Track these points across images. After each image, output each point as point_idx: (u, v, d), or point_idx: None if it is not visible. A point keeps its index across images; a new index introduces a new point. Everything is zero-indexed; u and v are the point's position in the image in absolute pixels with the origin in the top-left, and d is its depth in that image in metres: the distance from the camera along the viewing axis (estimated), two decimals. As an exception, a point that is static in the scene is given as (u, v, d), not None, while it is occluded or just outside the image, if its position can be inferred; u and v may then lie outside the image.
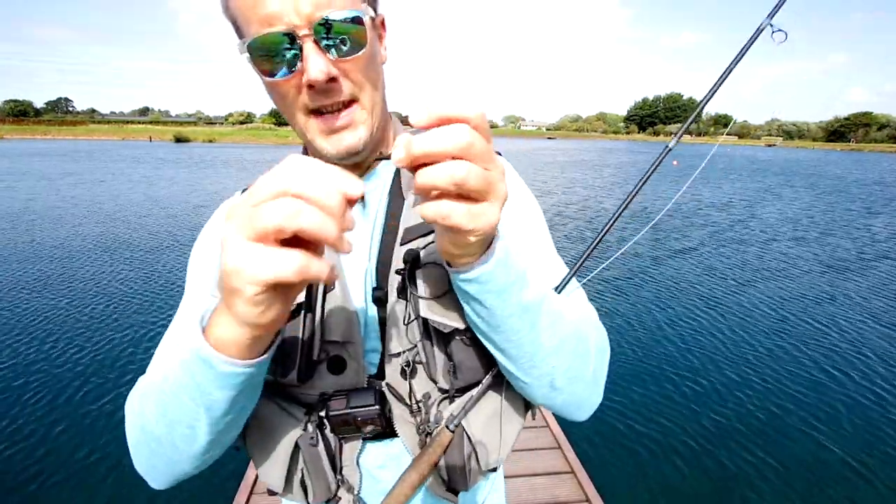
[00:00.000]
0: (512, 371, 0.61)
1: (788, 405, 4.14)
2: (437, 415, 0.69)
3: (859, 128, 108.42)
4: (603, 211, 13.40)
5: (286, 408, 0.69)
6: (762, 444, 3.64)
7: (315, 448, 0.68)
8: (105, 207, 12.57)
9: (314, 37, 0.55)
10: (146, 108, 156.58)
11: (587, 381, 0.64)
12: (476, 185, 0.39)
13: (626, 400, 4.12)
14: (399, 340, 0.68)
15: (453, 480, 0.71)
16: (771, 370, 4.71)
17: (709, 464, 3.42)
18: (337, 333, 0.66)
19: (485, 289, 0.52)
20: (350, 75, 0.59)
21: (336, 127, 0.61)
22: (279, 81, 0.58)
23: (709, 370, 4.68)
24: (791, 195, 18.14)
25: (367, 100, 0.62)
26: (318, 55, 0.55)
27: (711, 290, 6.95)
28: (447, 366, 0.68)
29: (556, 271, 0.72)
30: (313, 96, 0.58)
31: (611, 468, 3.33)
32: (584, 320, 0.66)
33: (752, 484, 3.24)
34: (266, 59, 0.56)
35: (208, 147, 48.57)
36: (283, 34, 0.54)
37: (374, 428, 0.68)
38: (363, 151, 0.65)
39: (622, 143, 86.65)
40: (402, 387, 0.69)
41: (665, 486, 3.21)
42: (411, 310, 0.66)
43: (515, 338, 0.56)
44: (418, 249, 0.66)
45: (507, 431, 0.73)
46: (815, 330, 5.70)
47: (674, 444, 3.62)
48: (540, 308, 0.57)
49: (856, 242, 10.42)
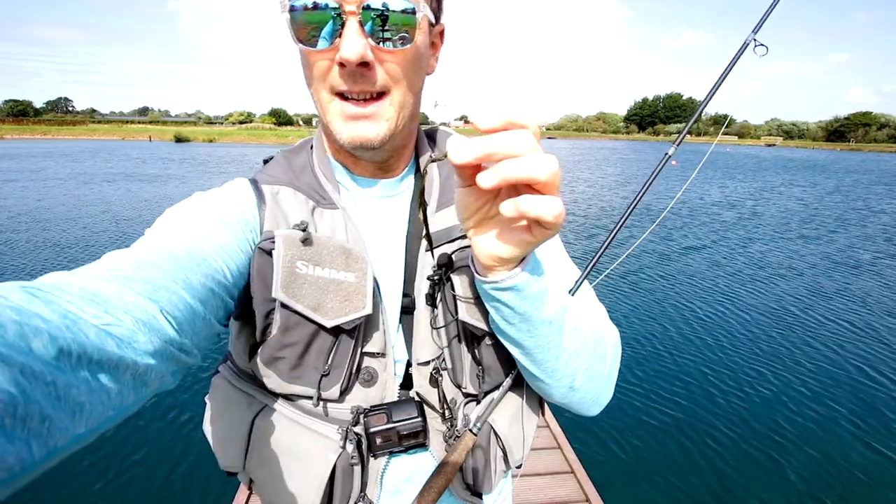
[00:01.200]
0: (534, 373, 0.61)
1: (789, 405, 4.14)
2: (464, 419, 0.69)
3: (859, 127, 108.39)
4: (608, 209, 13.41)
5: (315, 429, 0.66)
6: (762, 443, 3.64)
7: (353, 468, 0.66)
8: (117, 207, 12.59)
9: (359, 17, 0.53)
10: (146, 108, 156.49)
11: (603, 380, 0.64)
12: (549, 179, 0.41)
13: (627, 400, 4.12)
14: (427, 348, 0.67)
15: (478, 483, 0.70)
16: (771, 370, 4.71)
17: (709, 464, 3.42)
18: (375, 346, 0.65)
19: (521, 296, 0.52)
20: (386, 66, 0.57)
21: (358, 114, 0.58)
22: (312, 51, 0.56)
23: (709, 370, 4.67)
24: (794, 193, 18.14)
25: (398, 97, 0.59)
26: (357, 35, 0.53)
27: (712, 289, 6.96)
28: (475, 370, 0.67)
29: (568, 272, 0.72)
30: (342, 77, 0.56)
31: (611, 468, 3.33)
32: (599, 321, 0.66)
33: (753, 484, 3.24)
34: (305, 26, 0.54)
35: (212, 147, 48.52)
36: (330, 6, 0.53)
37: (415, 441, 0.66)
38: (378, 150, 0.62)
39: (622, 143, 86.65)
40: (431, 395, 0.68)
41: (665, 486, 3.21)
42: (444, 313, 0.65)
43: (544, 342, 0.57)
44: (449, 253, 0.65)
45: (528, 428, 0.74)
46: (815, 331, 5.70)
47: (674, 444, 3.62)
48: (565, 313, 0.57)
49: (866, 241, 10.42)
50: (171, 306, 0.45)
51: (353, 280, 0.61)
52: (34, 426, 0.28)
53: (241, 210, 0.62)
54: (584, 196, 16.52)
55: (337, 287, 0.61)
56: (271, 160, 0.73)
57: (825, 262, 8.75)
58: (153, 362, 0.41)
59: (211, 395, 0.75)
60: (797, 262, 8.68)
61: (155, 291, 0.44)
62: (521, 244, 0.47)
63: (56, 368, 0.31)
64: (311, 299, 0.60)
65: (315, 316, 0.60)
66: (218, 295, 0.53)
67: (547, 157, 0.40)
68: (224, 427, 0.71)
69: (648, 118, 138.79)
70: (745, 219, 12.81)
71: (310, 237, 0.60)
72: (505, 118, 0.41)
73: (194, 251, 0.52)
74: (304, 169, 0.69)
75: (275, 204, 0.64)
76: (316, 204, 0.66)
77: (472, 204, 0.48)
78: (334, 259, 0.61)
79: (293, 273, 0.59)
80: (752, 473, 3.34)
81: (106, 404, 0.36)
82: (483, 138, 0.41)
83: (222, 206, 0.61)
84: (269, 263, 0.59)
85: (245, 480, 0.72)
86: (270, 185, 0.66)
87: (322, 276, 0.60)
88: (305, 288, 0.60)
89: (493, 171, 0.41)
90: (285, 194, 0.65)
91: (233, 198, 0.63)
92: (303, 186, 0.67)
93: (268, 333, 0.63)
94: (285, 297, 0.59)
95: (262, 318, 0.62)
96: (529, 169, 0.40)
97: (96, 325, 0.37)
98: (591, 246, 9.40)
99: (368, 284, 0.62)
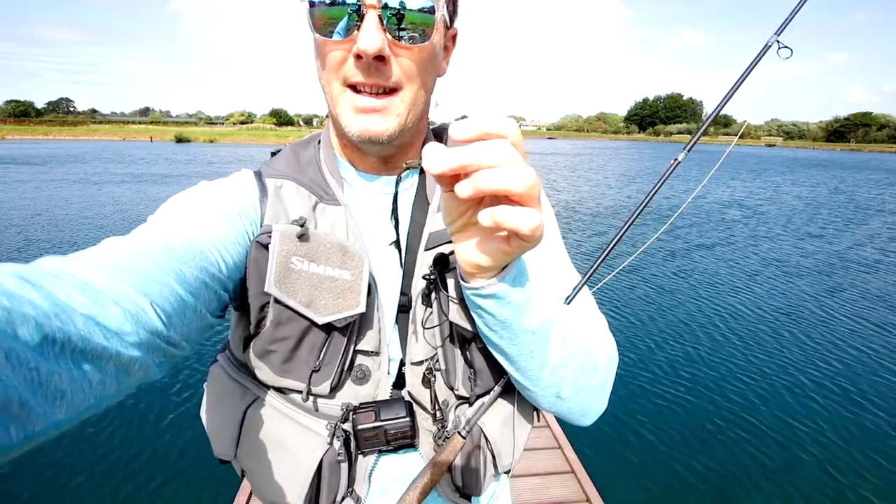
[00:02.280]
0: (519, 380, 0.61)
1: (789, 405, 4.14)
2: (455, 421, 0.69)
3: (859, 128, 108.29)
4: (614, 208, 13.40)
5: (304, 423, 0.67)
6: (763, 443, 3.64)
7: (339, 465, 0.66)
8: (128, 206, 12.61)
9: (380, 11, 0.53)
10: (147, 109, 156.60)
11: (593, 391, 0.64)
12: (525, 191, 0.40)
13: (627, 400, 4.12)
14: (421, 348, 0.67)
15: (467, 486, 0.71)
16: (772, 371, 4.70)
17: (709, 464, 3.42)
18: (368, 343, 0.65)
19: (501, 304, 0.52)
20: (402, 62, 0.57)
21: (369, 107, 0.58)
22: (328, 41, 0.56)
23: (709, 371, 4.67)
24: (798, 192, 18.13)
25: (409, 94, 0.59)
26: (376, 28, 0.53)
27: (714, 290, 6.96)
28: (467, 372, 0.67)
29: (567, 279, 0.71)
30: (357, 69, 0.56)
31: (611, 468, 3.33)
32: (593, 332, 0.65)
33: (753, 484, 3.24)
34: (324, 15, 0.55)
35: (214, 147, 48.52)
36: (349, 1, 0.53)
37: (403, 441, 0.66)
38: (385, 145, 0.61)
39: (623, 143, 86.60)
40: (423, 395, 0.68)
41: (665, 486, 3.21)
42: (437, 314, 0.65)
43: (527, 351, 0.56)
44: (446, 253, 0.65)
45: (519, 434, 0.74)
46: (816, 331, 5.69)
47: (674, 444, 3.62)
48: (552, 323, 0.56)
49: (872, 241, 10.41)
50: (161, 299, 0.45)
51: (348, 278, 0.62)
52: (13, 411, 0.29)
53: (242, 202, 0.63)
54: (588, 196, 16.52)
55: (331, 284, 0.61)
56: (279, 152, 0.73)
57: (831, 260, 8.74)
58: (138, 354, 0.42)
59: (208, 383, 0.76)
60: (801, 262, 8.68)
61: (146, 283, 0.44)
62: (499, 254, 0.47)
63: (40, 355, 0.32)
64: (305, 295, 0.61)
65: (307, 312, 0.61)
66: (211, 288, 0.54)
67: (523, 169, 0.39)
68: (218, 416, 0.72)
69: (649, 118, 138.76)
70: (751, 217, 12.80)
71: (307, 233, 0.61)
72: (480, 128, 0.40)
73: (191, 242, 0.52)
74: (311, 163, 0.70)
75: (277, 198, 0.65)
76: (319, 199, 0.66)
77: (455, 209, 0.47)
78: (330, 256, 0.62)
79: (287, 268, 0.60)
80: (753, 473, 3.34)
81: (87, 393, 0.36)
82: (458, 148, 0.40)
83: (224, 197, 0.62)
84: (265, 257, 0.60)
85: (238, 469, 0.73)
86: (274, 179, 0.66)
87: (317, 272, 0.61)
88: (299, 283, 0.60)
89: (469, 182, 0.40)
90: (288, 189, 0.66)
91: (236, 190, 0.64)
92: (306, 181, 0.67)
93: (261, 326, 0.64)
94: (278, 291, 0.60)
95: (256, 311, 0.63)
96: (504, 180, 0.39)
97: (85, 314, 0.37)
98: (595, 247, 9.39)
99: (364, 283, 0.62)
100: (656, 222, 7.06)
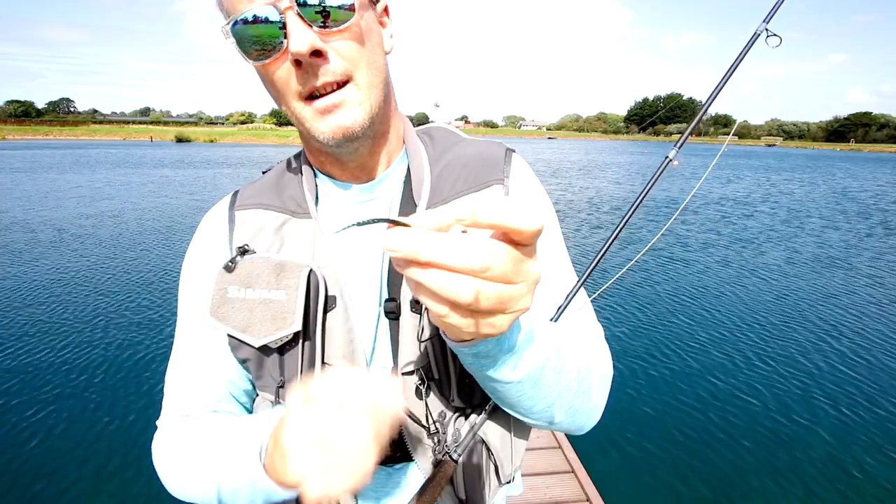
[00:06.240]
0: (509, 411, 0.60)
1: (790, 405, 4.13)
2: (454, 434, 0.66)
3: (859, 128, 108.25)
4: (612, 208, 13.39)
5: None
6: (763, 444, 3.63)
7: None
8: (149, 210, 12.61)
9: (296, 9, 0.52)
10: (147, 109, 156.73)
11: (587, 412, 0.63)
12: (486, 307, 0.34)
13: (627, 400, 4.12)
14: (412, 357, 0.64)
15: (471, 499, 0.68)
16: (772, 371, 4.70)
17: (709, 463, 3.42)
18: (337, 355, 0.64)
19: (480, 362, 0.48)
20: (341, 52, 0.56)
21: (329, 105, 0.57)
22: (266, 63, 0.55)
23: (709, 371, 4.67)
24: (797, 191, 18.12)
25: (362, 79, 0.58)
26: (301, 26, 0.52)
27: (714, 291, 6.94)
28: (462, 384, 0.65)
29: (567, 286, 0.69)
30: (302, 76, 0.55)
31: (611, 468, 3.32)
32: (589, 353, 0.63)
33: (753, 484, 3.23)
34: (250, 41, 0.54)
35: (215, 147, 48.48)
36: (263, 15, 0.53)
37: (392, 455, 0.65)
38: (361, 139, 0.60)
39: (623, 143, 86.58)
40: (417, 407, 0.65)
41: (665, 486, 3.21)
42: (426, 323, 0.62)
43: (513, 396, 0.54)
44: None
45: (517, 445, 0.73)
46: (816, 332, 5.68)
47: (674, 444, 3.61)
48: (543, 368, 0.53)
49: (873, 241, 10.41)
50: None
51: (282, 297, 0.62)
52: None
53: (213, 266, 0.68)
54: (589, 196, 16.51)
55: (265, 307, 0.62)
56: (269, 171, 0.76)
57: (831, 261, 8.73)
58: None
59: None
60: (802, 262, 8.67)
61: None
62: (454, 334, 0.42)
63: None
64: (240, 321, 0.63)
65: (244, 336, 0.63)
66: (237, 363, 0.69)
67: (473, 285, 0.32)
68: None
69: (649, 118, 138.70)
70: (750, 217, 12.79)
71: (233, 264, 0.64)
72: (455, 215, 0.33)
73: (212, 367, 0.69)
74: (292, 181, 0.71)
75: (242, 229, 0.68)
76: (291, 216, 0.68)
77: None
78: (267, 279, 0.63)
79: (223, 298, 0.64)
80: (753, 473, 3.33)
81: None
82: (420, 234, 0.32)
83: (201, 287, 0.69)
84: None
85: None
86: (242, 210, 0.70)
87: (253, 297, 0.63)
88: (234, 311, 0.63)
89: (414, 281, 0.34)
90: (253, 216, 0.69)
91: (205, 257, 0.70)
92: (278, 202, 0.69)
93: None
94: (214, 320, 0.64)
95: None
96: (449, 290, 0.32)
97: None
98: (592, 248, 9.38)
99: (299, 300, 0.61)
100: (656, 222, 7.11)
